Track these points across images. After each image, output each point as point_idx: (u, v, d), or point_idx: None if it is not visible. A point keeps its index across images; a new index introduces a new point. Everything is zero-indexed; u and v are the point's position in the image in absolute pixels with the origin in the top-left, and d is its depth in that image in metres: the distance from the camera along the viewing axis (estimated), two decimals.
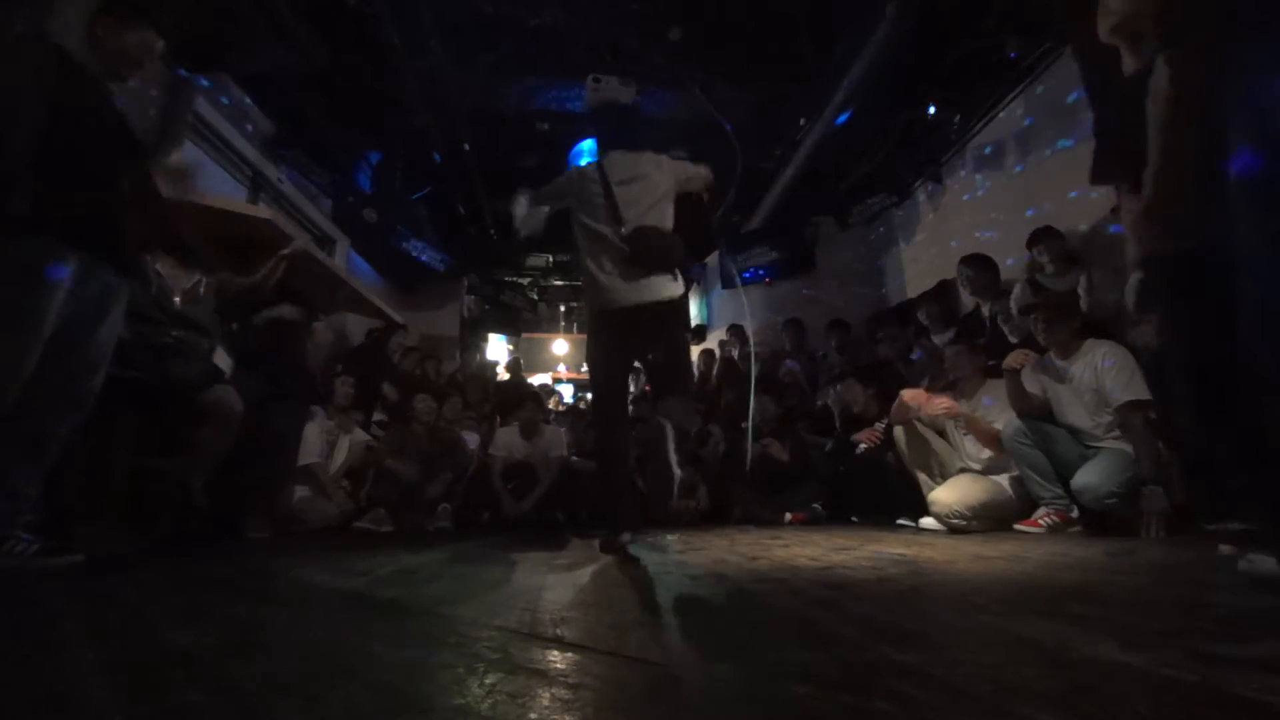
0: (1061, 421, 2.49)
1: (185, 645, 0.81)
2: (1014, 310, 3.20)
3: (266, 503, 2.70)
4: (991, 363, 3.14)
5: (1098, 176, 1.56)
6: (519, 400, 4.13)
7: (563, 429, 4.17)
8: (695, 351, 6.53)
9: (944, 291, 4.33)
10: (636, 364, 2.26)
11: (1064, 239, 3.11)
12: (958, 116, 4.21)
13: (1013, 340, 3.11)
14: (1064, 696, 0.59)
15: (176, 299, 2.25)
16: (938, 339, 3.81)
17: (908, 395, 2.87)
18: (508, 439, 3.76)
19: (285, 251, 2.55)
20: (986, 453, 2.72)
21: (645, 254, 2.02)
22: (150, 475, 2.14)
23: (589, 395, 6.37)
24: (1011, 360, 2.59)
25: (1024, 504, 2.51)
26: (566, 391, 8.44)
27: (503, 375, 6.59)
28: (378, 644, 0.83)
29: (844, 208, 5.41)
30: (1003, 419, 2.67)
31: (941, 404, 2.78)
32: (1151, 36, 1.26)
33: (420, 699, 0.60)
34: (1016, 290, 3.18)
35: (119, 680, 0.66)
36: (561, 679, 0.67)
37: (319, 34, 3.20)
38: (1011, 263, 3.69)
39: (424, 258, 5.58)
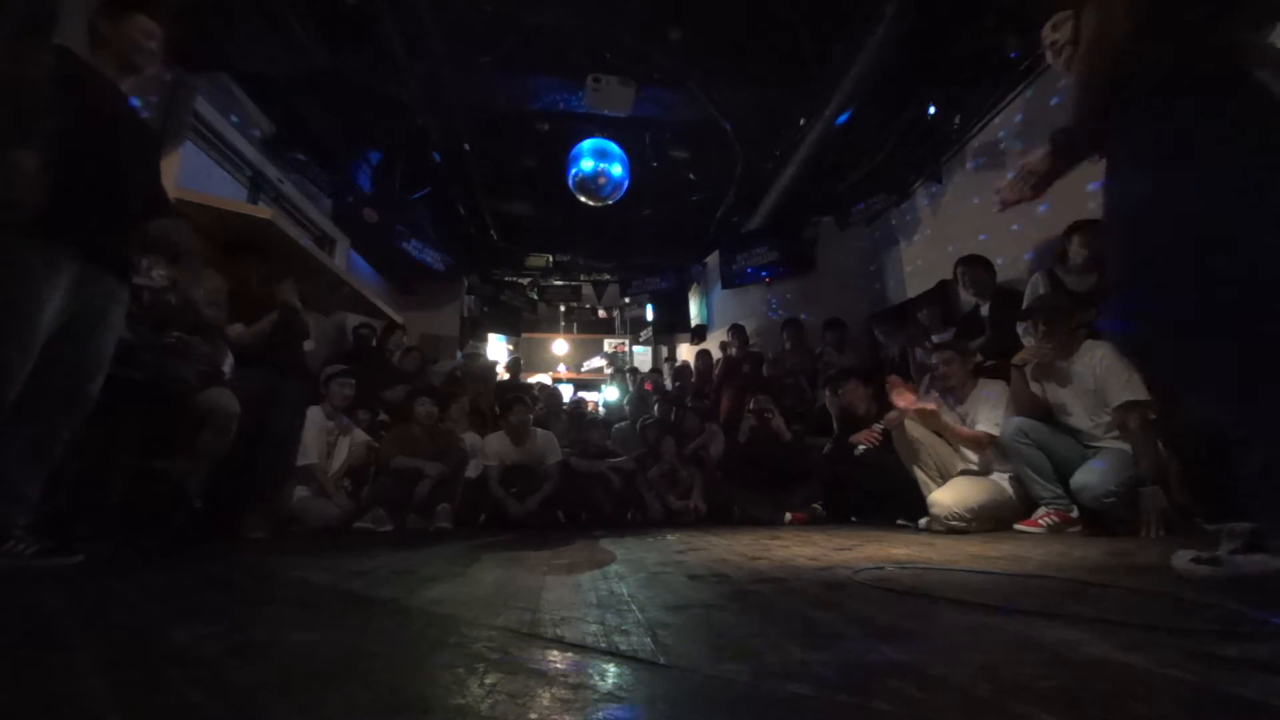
0: (1061, 422, 2.49)
1: (185, 645, 0.81)
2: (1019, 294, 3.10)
3: (266, 503, 2.69)
4: (988, 363, 3.14)
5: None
6: (506, 405, 4.06)
7: (555, 432, 4.14)
8: (694, 351, 6.53)
9: (943, 292, 4.33)
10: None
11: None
12: (958, 116, 4.21)
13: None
14: (1064, 696, 0.59)
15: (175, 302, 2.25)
16: (937, 339, 3.81)
17: (896, 395, 2.88)
18: (498, 446, 3.73)
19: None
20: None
21: None
22: (149, 476, 2.14)
23: (586, 396, 6.39)
24: (1021, 356, 2.59)
25: (1024, 504, 2.51)
26: (566, 392, 8.43)
27: (502, 375, 6.58)
28: (377, 644, 0.83)
29: (844, 208, 5.41)
30: (992, 420, 2.67)
31: (912, 403, 2.81)
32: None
33: (420, 699, 0.60)
34: (1034, 279, 3.12)
35: (119, 680, 0.66)
36: (561, 679, 0.67)
37: (319, 34, 3.20)
38: (1007, 261, 3.68)
39: (424, 258, 5.58)
